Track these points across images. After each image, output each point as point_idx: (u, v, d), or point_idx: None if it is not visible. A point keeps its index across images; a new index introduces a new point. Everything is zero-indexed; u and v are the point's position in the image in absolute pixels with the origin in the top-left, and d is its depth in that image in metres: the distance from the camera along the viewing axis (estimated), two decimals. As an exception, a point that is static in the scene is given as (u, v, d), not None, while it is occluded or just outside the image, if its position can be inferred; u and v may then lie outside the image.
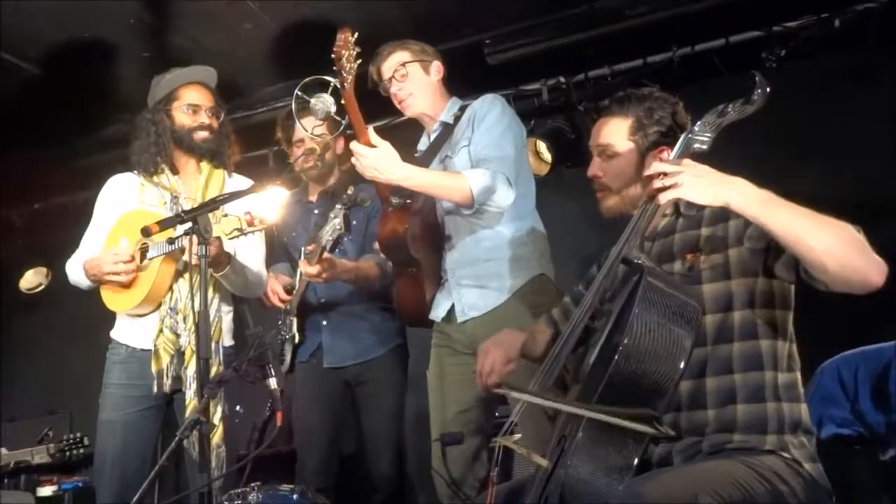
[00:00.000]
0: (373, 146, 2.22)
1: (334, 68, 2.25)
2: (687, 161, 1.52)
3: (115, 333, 2.53)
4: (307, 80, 2.39)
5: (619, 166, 1.78)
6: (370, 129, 2.26)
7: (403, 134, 2.81)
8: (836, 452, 2.32)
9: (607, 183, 1.80)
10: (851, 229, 1.44)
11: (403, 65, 2.49)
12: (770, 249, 1.55)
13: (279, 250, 3.00)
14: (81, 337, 4.69)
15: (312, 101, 2.39)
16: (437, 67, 2.56)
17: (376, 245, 2.56)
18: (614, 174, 1.78)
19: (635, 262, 1.57)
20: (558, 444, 1.52)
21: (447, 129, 2.53)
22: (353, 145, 2.24)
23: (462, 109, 2.54)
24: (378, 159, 2.20)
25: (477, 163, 2.37)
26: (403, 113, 2.59)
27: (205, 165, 2.56)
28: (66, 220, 4.76)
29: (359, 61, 2.28)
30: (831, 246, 1.40)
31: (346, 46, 2.23)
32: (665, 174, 1.49)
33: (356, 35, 2.24)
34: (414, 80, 2.50)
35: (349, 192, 2.47)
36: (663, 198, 1.50)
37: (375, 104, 2.58)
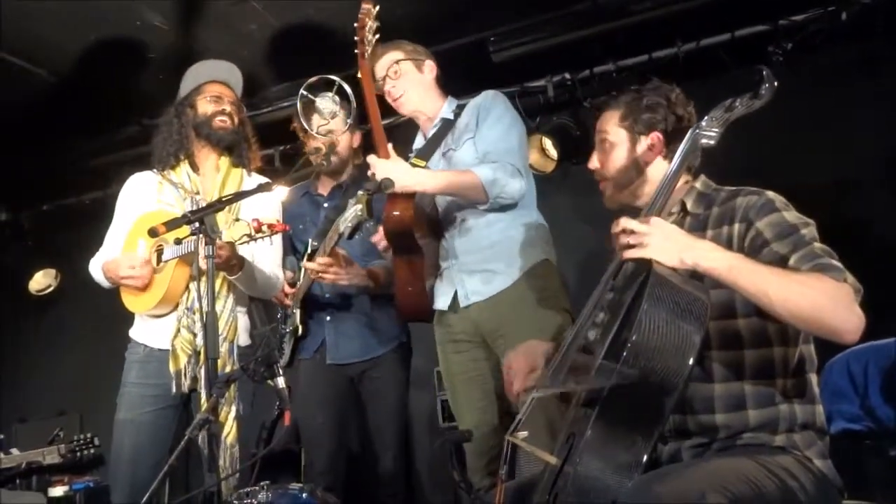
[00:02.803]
0: (387, 157, 2.30)
1: (356, 38, 2.32)
2: (655, 220, 1.53)
3: (134, 333, 2.54)
4: (312, 79, 2.40)
5: (613, 156, 1.80)
6: (390, 147, 2.31)
7: (398, 136, 2.81)
8: (846, 448, 2.31)
9: (605, 173, 1.82)
10: (831, 287, 1.43)
11: (397, 62, 2.50)
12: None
13: (285, 243, 2.98)
14: (91, 338, 4.74)
15: (318, 100, 2.40)
16: (430, 66, 2.57)
17: (375, 237, 2.54)
18: (610, 164, 1.81)
19: (643, 259, 1.56)
20: (567, 441, 1.52)
21: (447, 125, 2.55)
22: (370, 159, 2.31)
23: (460, 107, 2.56)
24: (391, 169, 2.26)
25: (484, 156, 2.38)
26: (398, 111, 2.60)
27: (223, 163, 2.57)
28: (74, 221, 4.79)
29: (377, 35, 2.34)
30: (799, 310, 1.42)
31: (368, 15, 2.30)
32: (633, 232, 1.50)
33: (377, 8, 2.31)
34: (408, 78, 2.52)
35: (372, 178, 2.45)
36: (627, 255, 1.52)
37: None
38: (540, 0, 3.56)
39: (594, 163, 1.85)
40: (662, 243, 1.48)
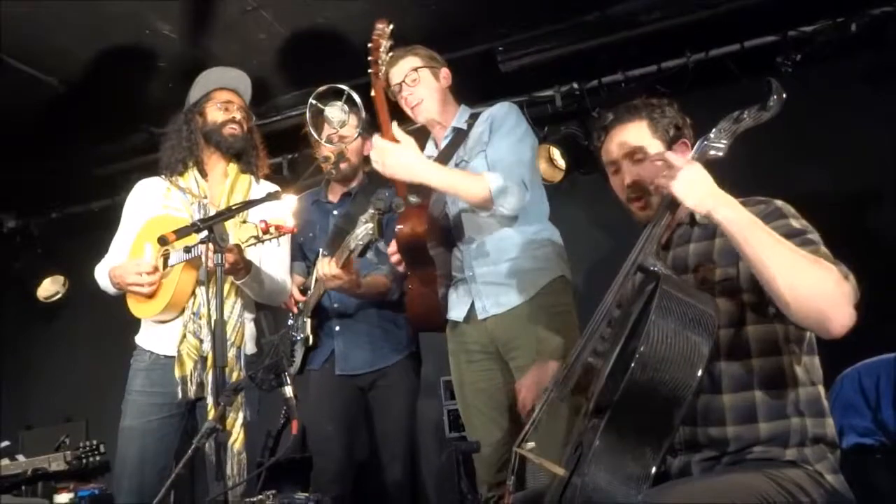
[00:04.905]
0: (396, 142, 2.23)
1: (370, 58, 2.29)
2: (694, 162, 1.53)
3: (140, 340, 2.53)
4: (321, 88, 2.40)
5: (653, 167, 1.71)
6: (394, 125, 2.26)
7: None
8: (858, 462, 2.29)
9: (648, 187, 1.73)
10: (834, 275, 1.41)
11: (415, 69, 2.50)
12: None
13: (295, 250, 2.98)
14: (98, 345, 4.75)
15: (327, 109, 2.40)
16: (445, 74, 2.58)
17: (389, 250, 2.54)
18: (651, 175, 1.72)
19: (651, 270, 1.56)
20: (575, 451, 1.51)
21: (460, 135, 2.54)
22: (376, 140, 2.24)
23: (473, 117, 2.55)
24: (401, 155, 2.20)
25: (493, 165, 2.37)
26: (414, 118, 2.58)
27: (232, 169, 2.57)
28: (83, 229, 4.81)
29: (391, 54, 2.31)
30: (796, 283, 1.40)
31: (383, 36, 2.27)
32: (669, 165, 1.52)
33: (391, 27, 2.27)
34: (425, 85, 2.51)
35: (383, 196, 2.44)
36: (656, 182, 1.55)
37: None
38: (548, 10, 3.57)
39: (631, 177, 1.74)
40: (690, 184, 1.49)
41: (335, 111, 2.33)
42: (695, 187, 1.49)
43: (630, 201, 1.77)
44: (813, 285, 1.39)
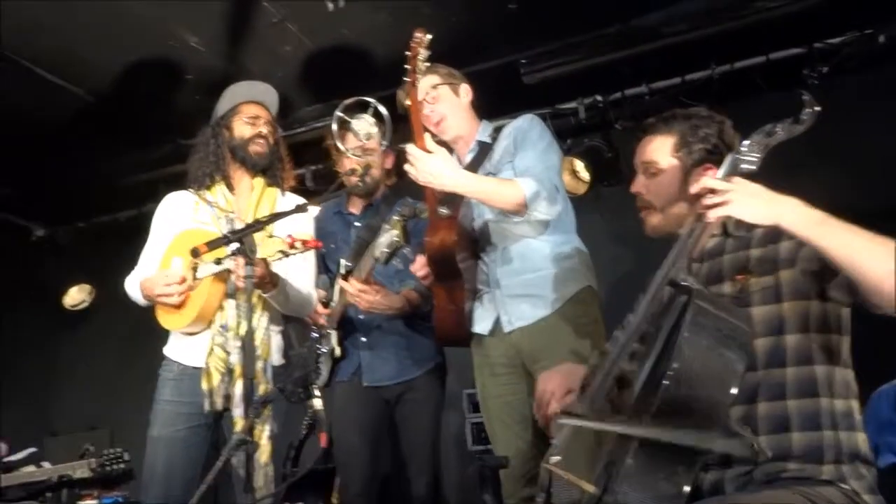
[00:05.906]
0: (429, 151, 2.24)
1: (406, 66, 2.31)
2: (737, 179, 1.50)
3: (168, 350, 2.55)
4: (348, 101, 2.42)
5: (662, 183, 1.76)
6: (427, 136, 2.27)
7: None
8: (892, 483, 2.24)
9: (651, 200, 1.78)
10: None
11: (434, 87, 2.50)
12: (825, 271, 1.51)
13: (317, 262, 2.99)
14: (123, 354, 4.79)
15: (353, 121, 2.42)
16: (465, 90, 2.58)
17: (414, 266, 2.53)
18: (657, 191, 1.76)
19: (682, 285, 1.54)
20: (605, 469, 1.49)
21: (485, 149, 2.54)
22: (410, 148, 2.25)
23: (496, 131, 2.56)
24: (435, 164, 2.22)
25: (522, 174, 2.37)
26: (439, 136, 2.57)
27: (258, 183, 2.58)
28: (110, 238, 4.87)
29: (427, 64, 2.34)
30: (888, 268, 1.35)
31: (420, 44, 2.29)
32: (714, 191, 1.48)
33: (429, 36, 2.31)
34: (446, 102, 2.52)
35: (408, 203, 2.43)
36: (713, 215, 1.48)
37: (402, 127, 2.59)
38: (572, 22, 3.57)
39: (638, 188, 1.80)
40: (747, 199, 1.45)
41: (363, 123, 2.35)
42: (752, 203, 1.45)
43: (640, 209, 1.80)
44: None
